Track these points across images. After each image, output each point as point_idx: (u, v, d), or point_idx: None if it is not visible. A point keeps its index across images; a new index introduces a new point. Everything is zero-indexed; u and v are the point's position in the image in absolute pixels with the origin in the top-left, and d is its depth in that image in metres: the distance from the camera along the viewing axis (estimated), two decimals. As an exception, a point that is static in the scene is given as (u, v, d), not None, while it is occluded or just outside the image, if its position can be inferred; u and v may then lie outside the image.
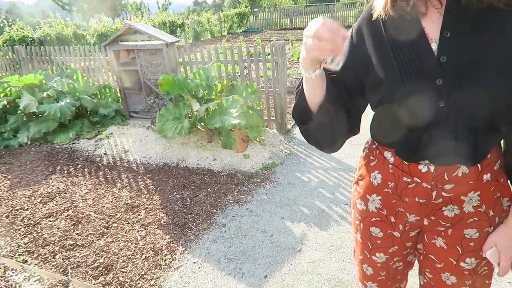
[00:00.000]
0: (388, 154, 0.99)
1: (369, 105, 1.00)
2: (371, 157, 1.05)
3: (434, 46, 0.82)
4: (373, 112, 1.02)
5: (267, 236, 2.57)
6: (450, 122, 0.83)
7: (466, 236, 0.96)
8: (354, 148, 3.73)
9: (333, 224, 2.64)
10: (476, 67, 0.77)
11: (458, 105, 0.81)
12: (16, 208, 3.12)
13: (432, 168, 0.91)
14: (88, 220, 2.88)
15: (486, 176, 0.91)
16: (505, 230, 0.93)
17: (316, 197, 2.99)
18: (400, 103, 0.86)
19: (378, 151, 1.03)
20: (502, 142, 0.94)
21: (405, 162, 0.95)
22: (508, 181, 0.95)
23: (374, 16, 0.88)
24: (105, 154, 4.06)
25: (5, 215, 3.02)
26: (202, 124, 3.78)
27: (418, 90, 0.83)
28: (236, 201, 3.02)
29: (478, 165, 0.90)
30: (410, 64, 0.83)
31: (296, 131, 4.45)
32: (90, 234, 2.71)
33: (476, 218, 0.94)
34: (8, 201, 3.24)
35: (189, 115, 3.75)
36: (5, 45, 9.64)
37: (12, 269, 2.38)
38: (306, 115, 0.95)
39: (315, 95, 0.90)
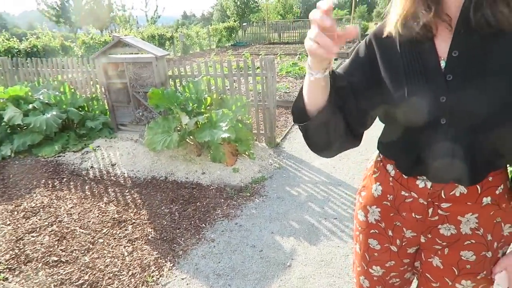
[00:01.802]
0: (390, 167, 1.01)
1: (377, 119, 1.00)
2: (375, 169, 1.07)
3: (442, 64, 0.83)
4: (381, 126, 1.03)
5: (257, 251, 2.55)
6: (449, 140, 0.84)
7: (462, 257, 0.96)
8: (343, 162, 3.76)
9: (323, 239, 2.64)
10: (480, 88, 0.78)
11: (458, 124, 0.82)
12: (-3, 223, 3.03)
13: (429, 184, 0.92)
14: (73, 236, 2.81)
15: (486, 199, 0.90)
16: None
17: (306, 211, 2.99)
18: (403, 117, 0.88)
19: (382, 163, 1.05)
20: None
21: (404, 176, 0.96)
22: None
23: (385, 34, 0.88)
24: (92, 167, 3.99)
25: (-14, 230, 2.92)
26: (191, 137, 3.75)
27: (422, 105, 0.84)
28: (225, 216, 2.99)
29: (478, 186, 0.89)
30: (418, 80, 0.84)
31: (285, 144, 4.46)
32: (75, 250, 2.64)
33: (473, 241, 0.93)
34: (-10, 216, 3.14)
35: (178, 129, 3.72)
36: (-10, 56, 9.49)
37: (-8, 287, 2.30)
38: (303, 117, 0.91)
39: (316, 98, 0.86)
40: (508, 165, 0.94)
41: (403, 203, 0.98)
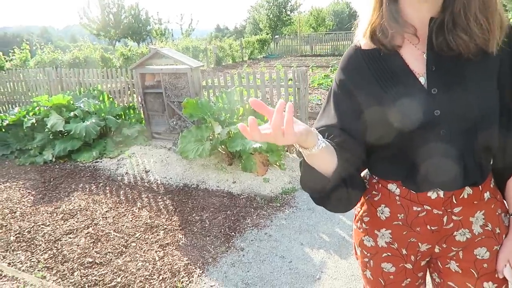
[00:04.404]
0: (392, 187, 0.97)
1: None
2: (374, 192, 1.03)
3: (422, 80, 0.86)
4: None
5: (286, 262, 2.52)
6: (454, 148, 0.86)
7: (478, 257, 0.96)
8: (375, 176, 3.68)
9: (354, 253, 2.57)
10: (465, 96, 0.82)
11: (458, 131, 0.85)
12: (38, 223, 3.17)
13: (441, 193, 0.92)
14: (107, 239, 2.90)
15: (486, 194, 0.94)
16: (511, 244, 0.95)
17: (337, 224, 2.94)
18: (402, 139, 0.88)
19: (380, 185, 1.00)
20: None
21: (413, 192, 0.94)
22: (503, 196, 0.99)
23: (353, 44, 0.92)
24: (127, 173, 4.12)
25: (27, 230, 3.07)
26: (223, 146, 3.81)
27: (419, 123, 0.85)
28: (255, 225, 2.99)
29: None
30: (405, 101, 0.85)
31: (316, 156, 4.42)
32: (109, 252, 2.72)
33: (483, 237, 0.95)
34: (31, 217, 3.30)
35: (211, 138, 3.79)
36: (36, 66, 10.10)
37: (31, 285, 2.40)
38: (320, 184, 0.90)
39: (326, 167, 0.87)
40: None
41: (416, 219, 0.96)
